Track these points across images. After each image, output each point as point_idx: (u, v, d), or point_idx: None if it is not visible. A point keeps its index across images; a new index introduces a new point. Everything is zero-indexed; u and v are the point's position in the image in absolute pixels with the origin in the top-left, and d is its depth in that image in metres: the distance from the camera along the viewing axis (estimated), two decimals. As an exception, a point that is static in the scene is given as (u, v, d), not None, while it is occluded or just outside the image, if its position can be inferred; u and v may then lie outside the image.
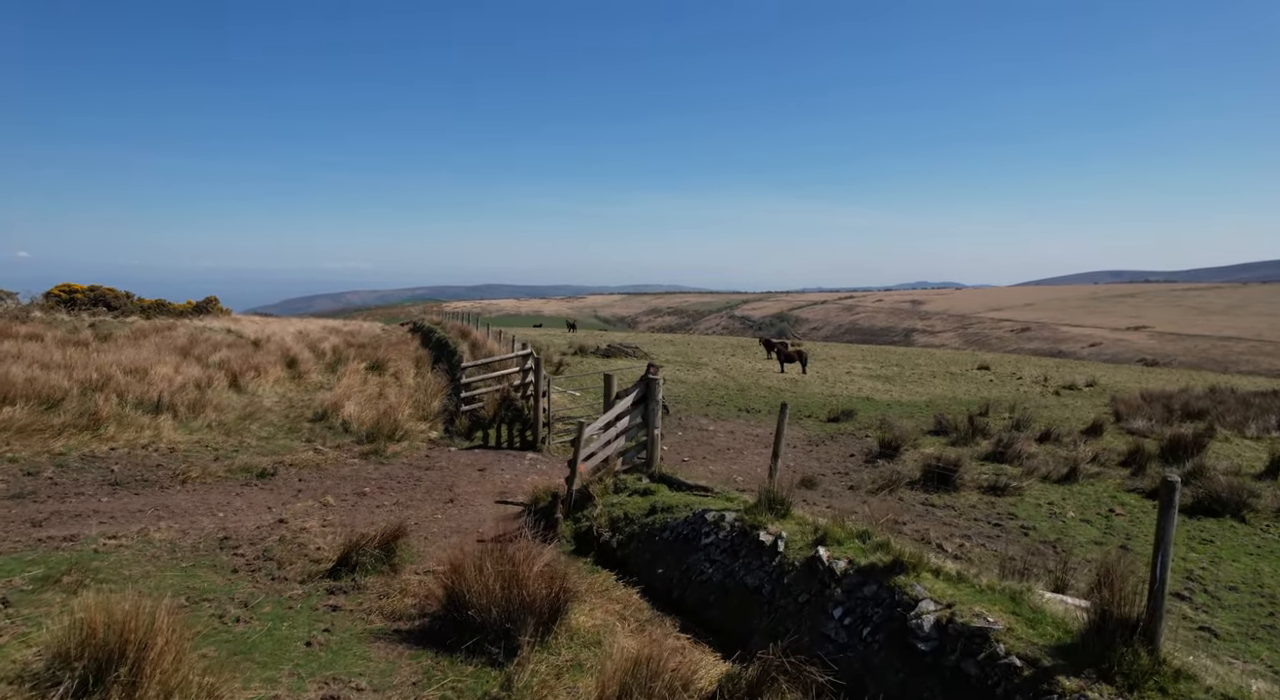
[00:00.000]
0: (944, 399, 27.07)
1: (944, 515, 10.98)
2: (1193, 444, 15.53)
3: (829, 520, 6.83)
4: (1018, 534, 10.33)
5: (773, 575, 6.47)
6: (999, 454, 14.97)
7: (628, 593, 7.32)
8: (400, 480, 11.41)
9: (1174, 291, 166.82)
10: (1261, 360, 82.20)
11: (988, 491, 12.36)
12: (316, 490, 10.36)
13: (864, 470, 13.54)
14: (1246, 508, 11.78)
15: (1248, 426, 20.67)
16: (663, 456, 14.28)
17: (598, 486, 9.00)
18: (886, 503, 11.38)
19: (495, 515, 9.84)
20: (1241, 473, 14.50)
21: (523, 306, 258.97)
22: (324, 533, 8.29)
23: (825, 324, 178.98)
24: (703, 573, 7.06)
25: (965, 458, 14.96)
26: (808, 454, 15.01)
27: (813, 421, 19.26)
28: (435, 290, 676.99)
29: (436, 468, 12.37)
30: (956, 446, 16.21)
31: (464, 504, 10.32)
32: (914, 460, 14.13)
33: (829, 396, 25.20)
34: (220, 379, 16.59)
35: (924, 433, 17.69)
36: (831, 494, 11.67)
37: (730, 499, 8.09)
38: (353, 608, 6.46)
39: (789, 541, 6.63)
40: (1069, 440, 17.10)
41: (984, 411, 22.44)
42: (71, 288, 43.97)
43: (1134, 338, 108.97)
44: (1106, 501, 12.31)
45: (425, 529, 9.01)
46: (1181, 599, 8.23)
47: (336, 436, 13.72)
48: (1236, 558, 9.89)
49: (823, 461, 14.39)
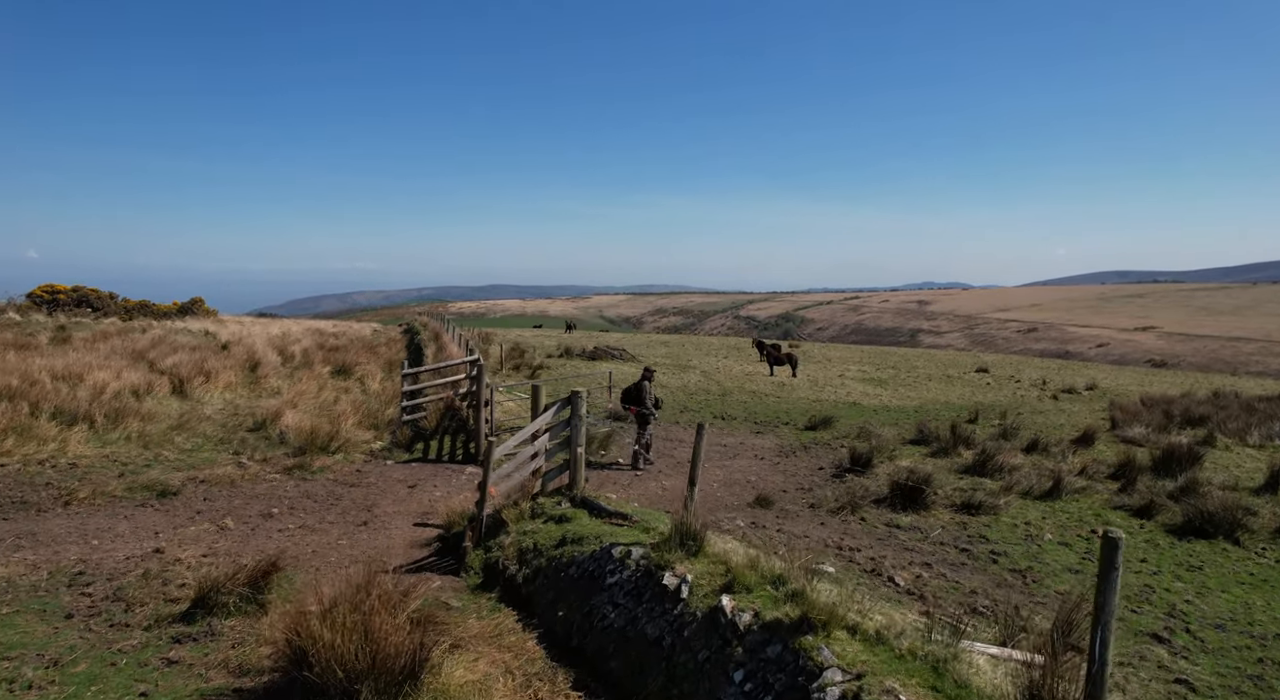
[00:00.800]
0: (936, 404, 26.15)
1: (907, 538, 10.08)
2: (1187, 455, 14.59)
3: (744, 559, 5.96)
4: (986, 560, 9.43)
5: (674, 625, 5.61)
6: (979, 466, 14.06)
7: (524, 638, 6.47)
8: (318, 499, 10.57)
9: (1182, 292, 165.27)
10: (1271, 361, 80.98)
11: (960, 510, 11.46)
12: (219, 512, 9.54)
13: (830, 486, 12.64)
14: (1241, 528, 10.86)
15: (1250, 434, 19.71)
16: (626, 462, 13.54)
17: (512, 511, 8.14)
18: (847, 524, 10.48)
19: (408, 541, 8.99)
20: (1239, 487, 13.57)
21: (528, 307, 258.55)
22: (201, 565, 7.45)
23: (831, 324, 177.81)
24: (605, 617, 6.20)
25: (943, 471, 14.07)
26: (775, 467, 14.10)
27: (789, 429, 18.35)
28: (441, 290, 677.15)
29: (363, 484, 11.52)
30: (937, 457, 15.30)
31: (379, 527, 9.48)
32: (887, 474, 13.23)
33: (814, 401, 24.29)
34: (163, 385, 15.79)
35: (904, 442, 16.78)
36: (787, 514, 10.78)
37: (648, 529, 7.22)
38: (194, 661, 5.61)
39: (694, 586, 5.76)
40: (1058, 450, 16.17)
41: (973, 418, 21.51)
42: (54, 288, 43.31)
43: (1142, 338, 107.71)
44: (1090, 521, 11.40)
45: (323, 558, 8.17)
46: (1160, 642, 7.33)
47: (270, 448, 12.89)
48: (1226, 588, 8.99)
49: (788, 475, 13.48)
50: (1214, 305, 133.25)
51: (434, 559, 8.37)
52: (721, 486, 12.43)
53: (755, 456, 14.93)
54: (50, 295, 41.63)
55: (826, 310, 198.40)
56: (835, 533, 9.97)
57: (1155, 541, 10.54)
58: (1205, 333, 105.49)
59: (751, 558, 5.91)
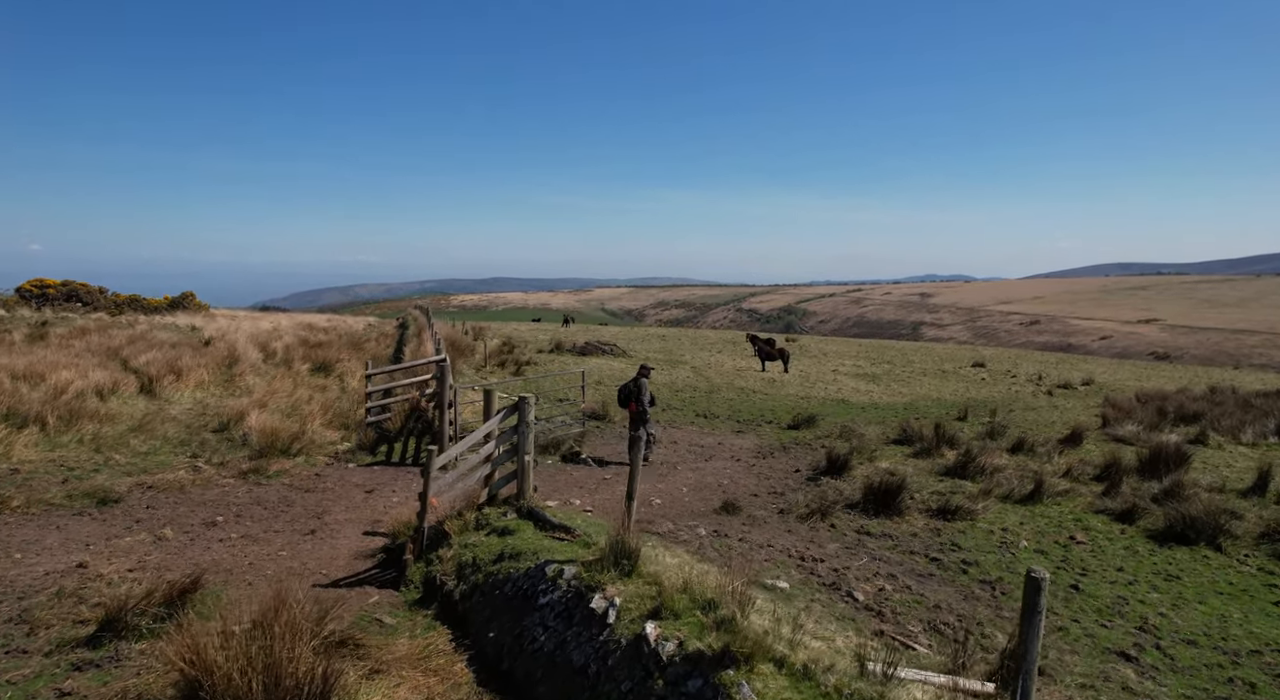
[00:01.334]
0: (927, 400, 25.80)
1: (877, 546, 9.74)
2: (1174, 456, 14.21)
3: (678, 580, 5.62)
4: (956, 571, 9.08)
5: (599, 652, 5.27)
6: (961, 468, 13.70)
7: (453, 660, 6.15)
8: (269, 505, 10.23)
9: (1185, 284, 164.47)
10: (1275, 354, 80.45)
11: (936, 515, 11.10)
12: (160, 520, 9.20)
13: (803, 490, 12.28)
14: (1224, 534, 10.49)
15: (1244, 431, 19.34)
16: (596, 465, 13.16)
17: (456, 522, 7.81)
18: (815, 531, 10.13)
19: (354, 551, 8.66)
20: (1226, 488, 13.21)
21: (530, 300, 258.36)
22: (124, 580, 7.12)
23: (833, 317, 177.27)
24: (536, 640, 5.86)
25: (924, 473, 13.72)
26: (749, 469, 13.75)
27: (771, 428, 17.99)
28: (444, 283, 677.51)
29: (319, 489, 11.18)
30: (919, 458, 14.94)
31: (326, 536, 9.15)
32: (864, 476, 12.89)
33: (802, 398, 23.93)
34: (130, 384, 15.47)
35: (887, 442, 16.42)
36: (755, 521, 10.43)
37: (589, 544, 6.88)
38: (89, 692, 5.28)
39: (622, 610, 5.42)
40: (1044, 451, 15.81)
41: (963, 415, 21.16)
42: (44, 283, 43.09)
43: (1145, 331, 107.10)
44: (1070, 526, 11.05)
45: (259, 570, 7.84)
46: (1128, 661, 6.98)
47: (231, 451, 12.56)
48: (1204, 598, 8.64)
49: (762, 478, 13.12)
50: (1218, 297, 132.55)
51: (377, 571, 8.04)
52: (691, 491, 12.09)
53: (732, 458, 14.57)
54: (39, 290, 41.39)
55: (829, 303, 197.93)
56: (801, 541, 9.62)
57: (1135, 548, 10.19)
58: (1209, 325, 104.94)
59: (685, 579, 5.56)
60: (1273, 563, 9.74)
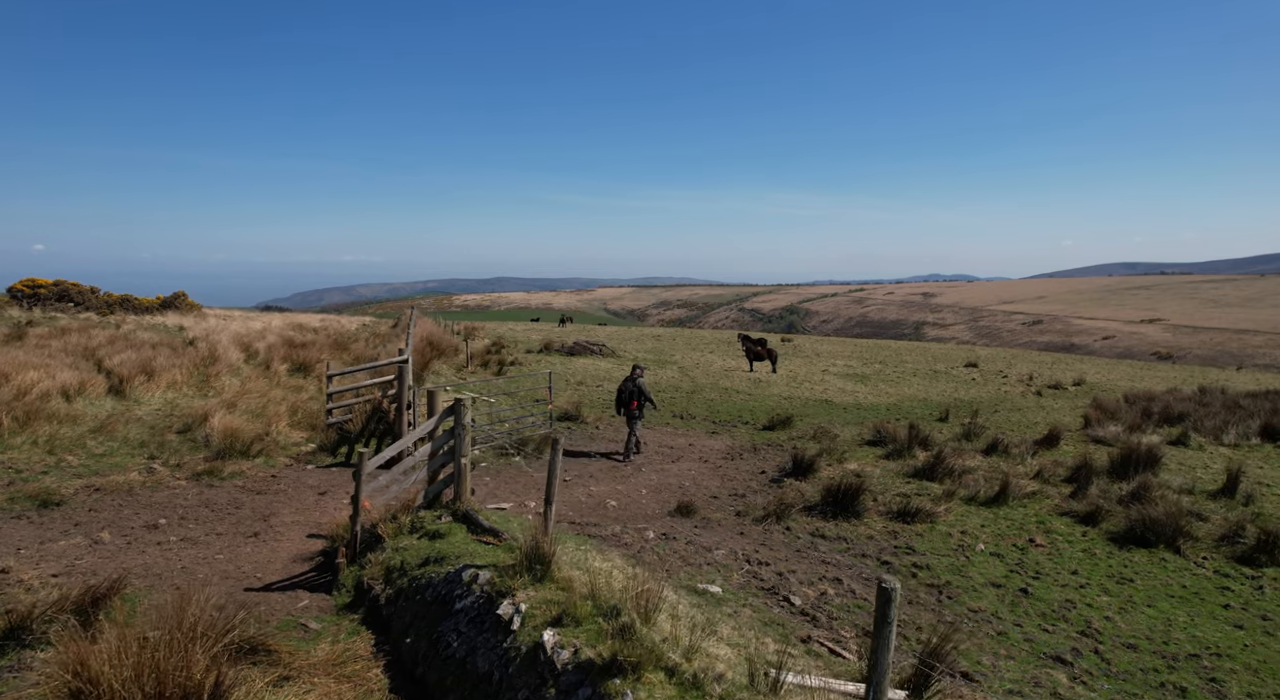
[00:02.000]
0: (913, 401, 25.68)
1: (829, 549, 9.64)
2: (1146, 457, 14.08)
3: (586, 586, 5.52)
4: (905, 574, 8.98)
5: (502, 659, 5.19)
6: (929, 469, 13.58)
7: (369, 667, 6.06)
8: (217, 507, 10.16)
9: (1189, 284, 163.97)
10: (1279, 354, 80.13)
11: (896, 517, 10.99)
12: (100, 523, 9.13)
13: (766, 491, 12.18)
14: (1184, 536, 10.38)
15: (1227, 432, 19.18)
16: (560, 467, 12.98)
17: (390, 526, 7.73)
18: (769, 534, 10.03)
19: (293, 554, 8.58)
20: (1197, 490, 13.08)
21: (532, 299, 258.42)
22: (45, 585, 7.04)
23: (835, 316, 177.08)
24: (449, 646, 5.78)
25: (892, 474, 13.61)
26: (715, 471, 13.65)
27: (747, 429, 17.89)
28: (446, 283, 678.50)
29: (272, 491, 11.11)
30: (890, 460, 14.83)
31: (269, 538, 9.07)
32: (829, 478, 12.78)
33: (785, 399, 23.82)
34: (99, 385, 15.41)
35: (860, 443, 16.30)
36: (708, 523, 10.33)
37: (512, 549, 6.79)
38: (-17, 699, 5.21)
39: (526, 616, 5.33)
40: (1018, 452, 15.67)
41: (944, 416, 21.03)
42: (36, 282, 43.10)
43: (1148, 330, 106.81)
44: (1031, 528, 10.94)
45: (191, 574, 7.77)
46: (1062, 665, 6.87)
47: (191, 451, 12.50)
48: (1154, 601, 8.53)
49: (727, 480, 13.03)
50: (1221, 297, 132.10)
51: (313, 574, 7.97)
52: (651, 493, 12.00)
53: (700, 459, 14.48)
54: (31, 290, 41.41)
55: (831, 302, 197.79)
56: (752, 544, 9.52)
57: (1093, 551, 10.08)
58: (1212, 325, 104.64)
59: (594, 585, 5.47)
60: (1229, 565, 9.63)
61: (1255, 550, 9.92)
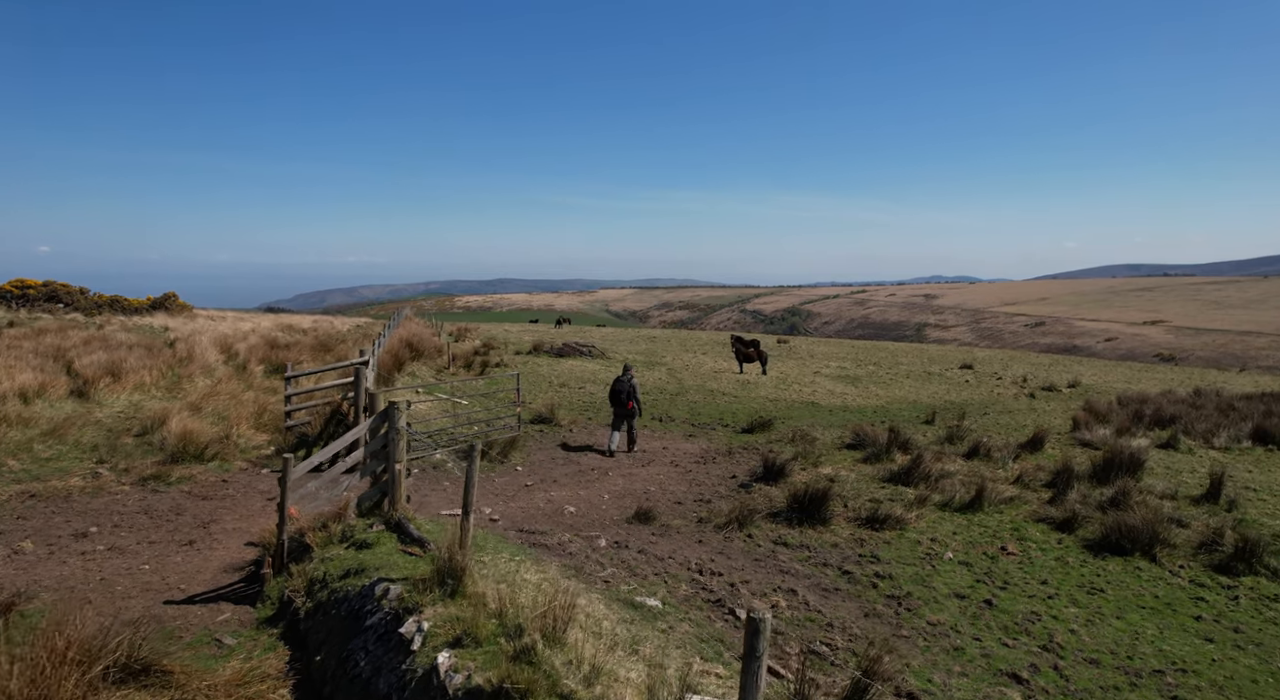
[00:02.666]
0: (902, 403, 25.31)
1: (790, 558, 9.29)
2: (1129, 461, 13.70)
3: (495, 603, 5.19)
4: (865, 584, 8.63)
5: (400, 682, 4.86)
6: (906, 473, 13.23)
7: (275, 687, 5.72)
8: (156, 514, 9.81)
9: (1192, 285, 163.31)
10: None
11: (864, 524, 10.64)
12: (26, 532, 8.79)
13: (734, 496, 11.82)
14: (1161, 543, 10.01)
15: (1218, 435, 18.82)
16: (523, 471, 12.68)
17: (319, 535, 7.39)
18: (729, 542, 9.69)
19: (226, 563, 8.25)
20: (1180, 495, 12.72)
21: (534, 301, 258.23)
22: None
23: (837, 318, 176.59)
24: (357, 665, 5.44)
25: (867, 479, 13.26)
26: (685, 475, 13.30)
27: (725, 432, 17.53)
28: (449, 284, 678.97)
29: (219, 496, 10.77)
30: (868, 464, 14.47)
31: (204, 546, 8.74)
32: (802, 483, 12.44)
33: (770, 401, 23.47)
34: (61, 387, 15.10)
35: (839, 447, 15.94)
36: (667, 530, 9.99)
37: (435, 560, 6.46)
38: None
39: (429, 635, 4.99)
40: (1000, 456, 15.31)
41: (930, 418, 20.67)
42: (25, 283, 42.90)
43: (1150, 332, 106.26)
44: (1005, 536, 10.59)
45: (110, 587, 7.43)
46: (1018, 682, 6.52)
47: (145, 455, 12.17)
48: (1123, 613, 8.17)
49: (695, 485, 12.68)
50: (1225, 299, 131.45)
51: (241, 585, 7.64)
52: (613, 499, 11.65)
53: (671, 463, 14.13)
54: (20, 290, 41.19)
55: (833, 304, 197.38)
56: (709, 552, 9.18)
57: (1066, 559, 9.72)
58: (1215, 327, 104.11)
59: (502, 602, 5.13)
60: (1206, 574, 9.27)
61: (1233, 558, 9.56)
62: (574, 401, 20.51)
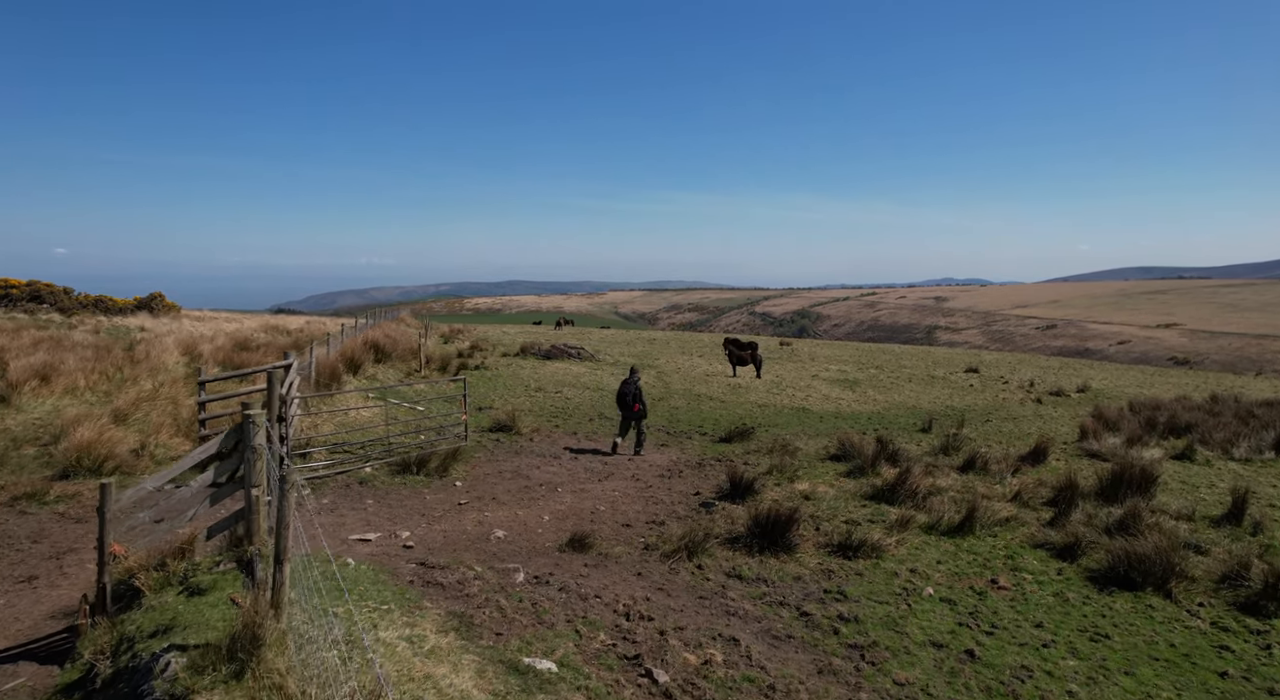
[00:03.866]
0: (900, 408, 23.91)
1: (741, 595, 7.97)
2: (1140, 476, 12.32)
3: (294, 691, 3.89)
4: (826, 630, 7.28)
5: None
6: (890, 490, 11.88)
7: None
8: (11, 540, 8.53)
9: (1206, 288, 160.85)
10: (1298, 359, 77.78)
11: (836, 551, 9.30)
12: None
13: (692, 518, 10.50)
14: (1177, 576, 8.66)
15: (1238, 445, 17.39)
16: (462, 487, 11.30)
17: (154, 576, 6.12)
18: (674, 574, 8.37)
19: (58, 608, 6.99)
20: (1196, 516, 11.35)
21: (543, 303, 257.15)
22: None
23: (847, 320, 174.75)
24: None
25: (848, 496, 11.92)
26: (643, 491, 11.96)
27: (702, 441, 16.19)
28: (459, 286, 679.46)
29: (95, 519, 9.54)
30: (852, 478, 13.13)
31: (45, 584, 7.48)
32: (774, 500, 11.12)
33: (759, 407, 22.13)
34: (-21, 392, 13.94)
35: (822, 458, 14.60)
36: (604, 560, 8.67)
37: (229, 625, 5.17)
38: None
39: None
40: (998, 469, 13.94)
41: (927, 426, 19.30)
42: (8, 283, 41.96)
43: (1164, 335, 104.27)
44: (997, 565, 9.25)
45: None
46: (999, 772, 5.21)
47: (40, 468, 10.96)
48: (1133, 667, 6.82)
49: (652, 503, 11.34)
50: (1240, 302, 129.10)
51: (63, 637, 6.37)
52: (553, 520, 10.31)
53: (632, 477, 12.80)
54: (3, 291, 40.25)
55: (843, 306, 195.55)
56: (646, 588, 7.87)
57: (1066, 595, 8.38)
58: (1230, 330, 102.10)
59: (306, 689, 3.84)
60: (1230, 616, 7.91)
61: (1262, 596, 8.20)
62: (545, 407, 19.21)
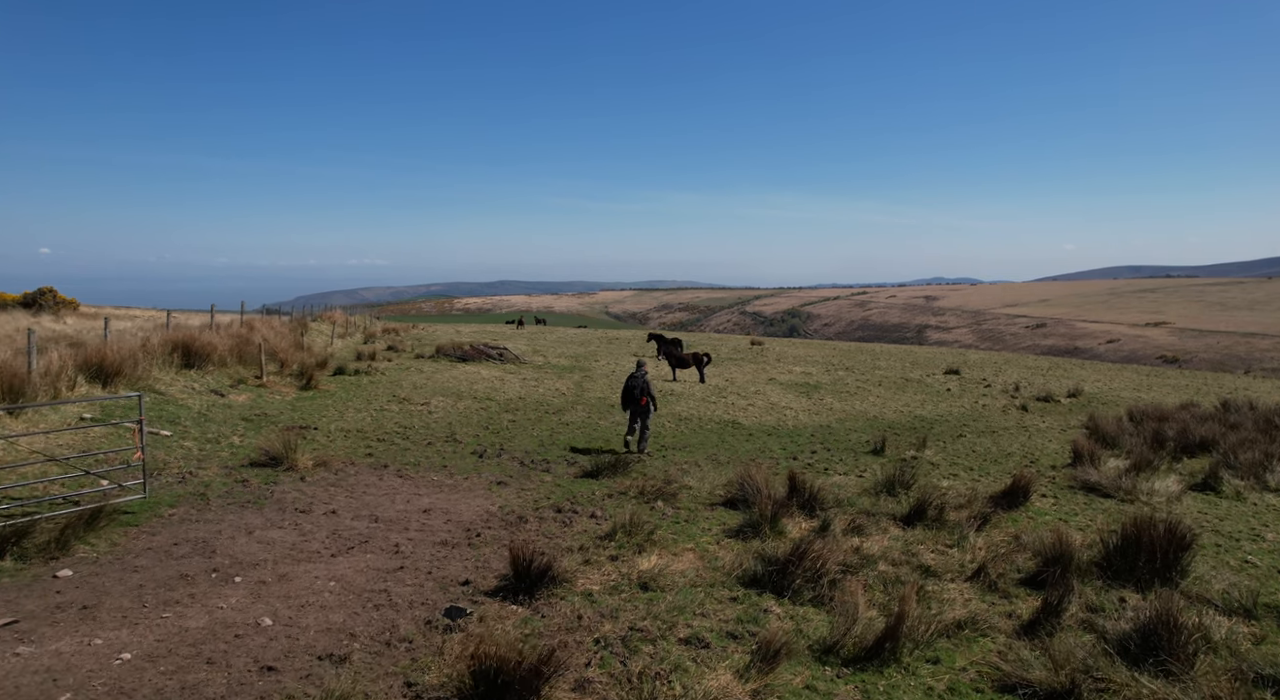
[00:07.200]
0: (858, 419, 19.70)
1: None
2: (1167, 539, 8.10)
3: None
4: None
5: None
6: (780, 570, 7.60)
7: None
8: None
9: (1195, 286, 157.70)
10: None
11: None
12: None
13: (412, 643, 6.18)
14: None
15: (1271, 469, 13.31)
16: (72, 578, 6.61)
17: None
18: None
19: None
20: (1258, 604, 7.23)
21: (534, 303, 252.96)
22: None
23: (837, 320, 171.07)
24: None
25: (718, 578, 7.70)
26: (387, 576, 7.44)
27: (563, 475, 11.92)
28: (450, 286, 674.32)
29: None
30: (739, 538, 8.93)
31: None
32: (584, 593, 6.93)
33: (681, 420, 17.94)
34: None
35: (713, 503, 10.40)
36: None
37: None
38: None
39: None
40: (958, 518, 9.76)
41: (880, 446, 15.12)
42: None
43: (1153, 334, 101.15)
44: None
45: None
46: None
47: None
48: None
49: (374, 606, 6.78)
50: (1228, 300, 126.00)
51: None
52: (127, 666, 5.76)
53: (393, 548, 8.13)
54: None
55: (833, 306, 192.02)
56: None
57: None
58: (1219, 328, 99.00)
59: None
60: None
61: None
62: (388, 426, 14.91)
